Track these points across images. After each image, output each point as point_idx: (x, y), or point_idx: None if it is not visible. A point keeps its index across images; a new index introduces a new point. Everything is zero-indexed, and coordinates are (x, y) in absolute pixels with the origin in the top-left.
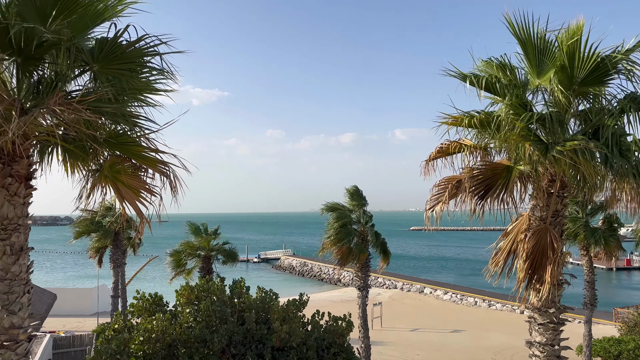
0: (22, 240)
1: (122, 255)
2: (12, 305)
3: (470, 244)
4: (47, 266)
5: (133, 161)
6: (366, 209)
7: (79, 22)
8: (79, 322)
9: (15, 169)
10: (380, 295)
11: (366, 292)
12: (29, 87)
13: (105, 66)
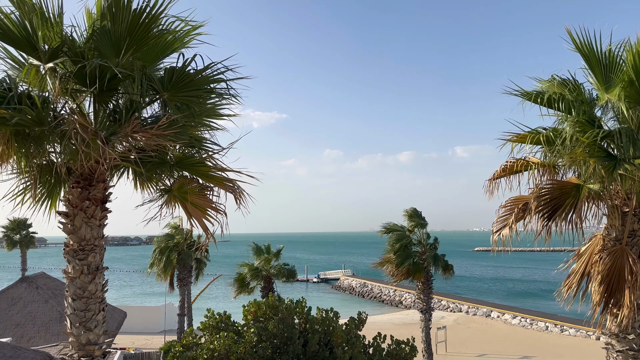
0: (98, 260)
1: (188, 274)
2: (88, 322)
3: (538, 266)
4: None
5: (200, 181)
6: (426, 230)
7: (149, 53)
8: (147, 340)
9: (92, 193)
10: (444, 319)
11: (429, 315)
12: (104, 115)
13: (175, 94)
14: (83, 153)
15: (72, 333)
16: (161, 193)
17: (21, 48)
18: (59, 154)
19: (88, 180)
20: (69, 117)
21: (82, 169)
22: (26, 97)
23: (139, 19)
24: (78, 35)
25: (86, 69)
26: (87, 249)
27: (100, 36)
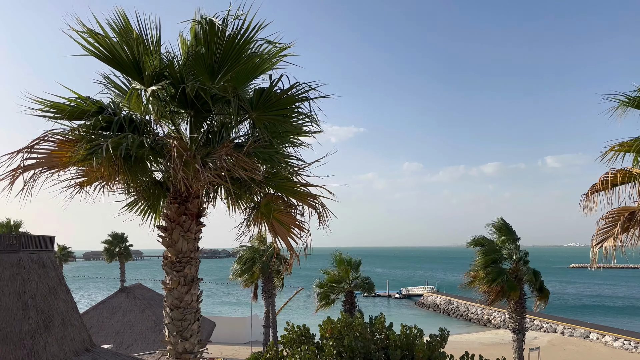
0: (194, 271)
1: (273, 287)
2: (184, 331)
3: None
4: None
5: (285, 199)
6: (518, 244)
7: (240, 75)
8: (234, 350)
9: (188, 208)
10: (538, 340)
11: (522, 335)
12: (198, 137)
13: (262, 113)
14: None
15: (170, 341)
16: (249, 210)
17: (126, 72)
18: (160, 172)
19: (184, 197)
20: (169, 141)
21: (181, 188)
22: (128, 121)
23: (232, 44)
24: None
25: (187, 90)
26: (184, 261)
27: (195, 61)
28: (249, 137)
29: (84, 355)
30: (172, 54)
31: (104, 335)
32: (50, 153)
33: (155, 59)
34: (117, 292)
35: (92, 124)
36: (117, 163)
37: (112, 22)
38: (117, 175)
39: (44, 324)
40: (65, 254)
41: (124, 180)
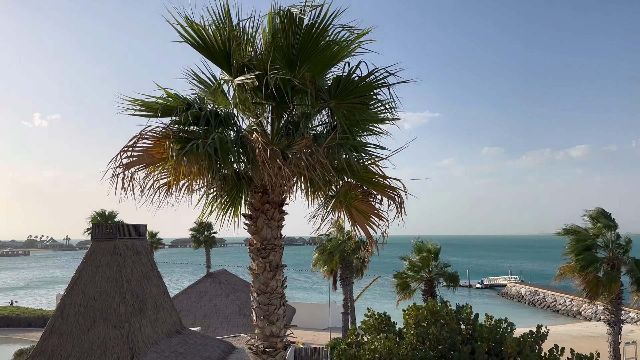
0: (278, 258)
1: (350, 275)
2: (271, 315)
3: None
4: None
5: (364, 187)
6: (617, 232)
7: (318, 64)
8: (314, 335)
9: (271, 197)
10: (634, 333)
11: (618, 328)
12: (279, 128)
13: (341, 102)
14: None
15: (258, 325)
16: (328, 199)
17: (217, 61)
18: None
19: (267, 186)
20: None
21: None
22: (214, 116)
23: (309, 33)
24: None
25: (269, 82)
26: (269, 247)
27: (275, 52)
28: (328, 127)
29: (175, 337)
30: (257, 44)
31: (192, 318)
32: (147, 150)
33: (243, 51)
34: (204, 278)
35: (182, 120)
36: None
37: (209, 11)
38: (203, 172)
39: (139, 306)
40: (155, 242)
41: (209, 176)
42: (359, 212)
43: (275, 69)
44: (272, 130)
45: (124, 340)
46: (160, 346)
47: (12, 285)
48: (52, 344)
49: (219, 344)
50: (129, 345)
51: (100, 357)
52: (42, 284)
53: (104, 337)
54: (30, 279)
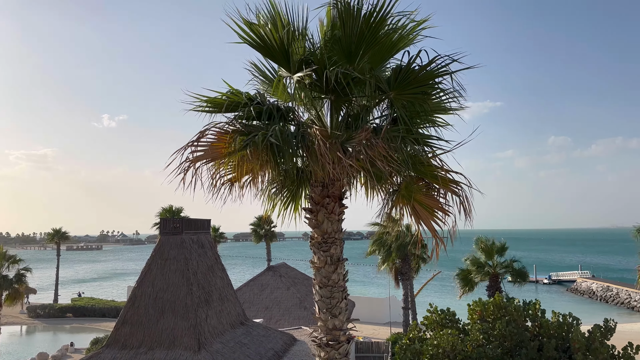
0: (339, 252)
1: (409, 269)
2: (333, 309)
3: None
4: None
5: (426, 181)
6: None
7: (376, 55)
8: (374, 330)
9: (331, 191)
10: None
11: None
12: (338, 121)
13: (400, 92)
14: (324, 159)
15: (320, 318)
16: (389, 193)
17: (276, 59)
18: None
19: (327, 180)
20: (312, 129)
21: (322, 173)
22: (275, 110)
23: (368, 23)
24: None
25: (328, 75)
26: (329, 241)
27: (333, 45)
28: (387, 119)
29: (239, 328)
30: (314, 40)
31: (255, 310)
32: (211, 145)
33: (301, 46)
34: (265, 271)
35: (244, 115)
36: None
37: (264, 11)
38: (265, 167)
39: (205, 298)
40: (218, 236)
41: (269, 170)
42: (422, 207)
43: (334, 62)
44: (332, 123)
45: (191, 331)
46: (225, 337)
47: (86, 277)
48: (124, 333)
49: (281, 336)
50: (196, 336)
51: (169, 346)
52: (114, 276)
53: (173, 327)
54: (102, 271)
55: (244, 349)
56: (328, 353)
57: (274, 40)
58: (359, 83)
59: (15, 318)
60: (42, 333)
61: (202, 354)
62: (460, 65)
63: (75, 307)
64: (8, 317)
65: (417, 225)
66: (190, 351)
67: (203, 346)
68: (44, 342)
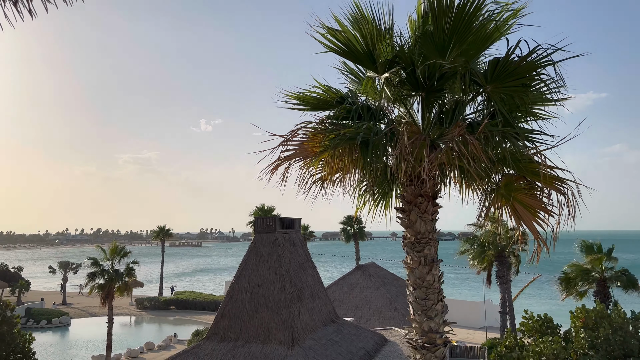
0: (433, 252)
1: (507, 272)
2: (429, 311)
3: None
4: None
5: (527, 179)
6: None
7: (471, 48)
8: (468, 334)
9: (424, 190)
10: None
11: None
12: (430, 118)
13: (498, 86)
14: (413, 156)
15: (415, 319)
16: (485, 191)
17: (361, 62)
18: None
19: (419, 178)
20: (401, 125)
21: (413, 171)
22: (366, 109)
23: (461, 14)
24: (401, 42)
25: (416, 73)
26: (423, 241)
27: (423, 40)
28: (483, 114)
29: (330, 325)
30: (402, 37)
31: (344, 308)
32: (302, 145)
33: (388, 45)
34: (354, 270)
35: (335, 114)
36: (355, 152)
37: (347, 14)
38: (355, 166)
39: (297, 295)
40: (308, 234)
41: (360, 169)
42: (523, 207)
43: (425, 58)
44: (423, 120)
45: (285, 326)
46: (317, 333)
47: (186, 271)
48: (223, 326)
49: (372, 335)
50: (289, 331)
51: (265, 340)
52: (211, 271)
53: (267, 322)
54: (201, 266)
55: (336, 347)
56: (424, 355)
57: (358, 44)
58: (451, 78)
59: (125, 309)
60: (148, 324)
61: (295, 349)
62: (565, 54)
63: (178, 300)
64: (119, 308)
65: (517, 226)
66: (284, 346)
67: (296, 342)
68: (150, 332)
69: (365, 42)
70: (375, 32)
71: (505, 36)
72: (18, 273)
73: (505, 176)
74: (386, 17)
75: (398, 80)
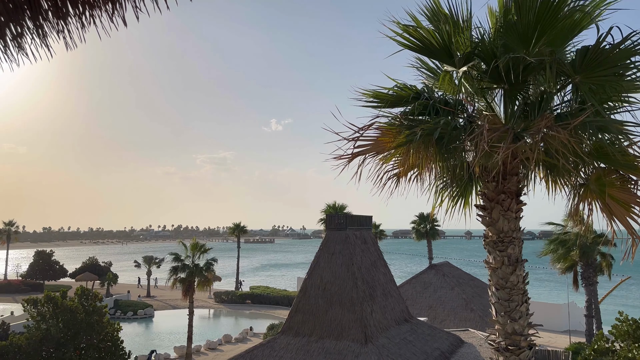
0: (517, 252)
1: (594, 274)
2: (512, 312)
3: None
4: None
5: (621, 173)
6: None
7: (557, 37)
8: (550, 337)
9: (506, 186)
10: None
11: None
12: (513, 111)
13: (587, 75)
14: (494, 150)
15: (498, 321)
16: (574, 187)
17: (437, 57)
18: (472, 152)
19: (502, 175)
20: (480, 117)
21: (494, 165)
22: (443, 104)
23: (547, 3)
24: (480, 34)
25: (498, 65)
26: (506, 240)
27: (506, 31)
28: (571, 105)
29: (403, 324)
30: (482, 29)
31: (418, 308)
32: (376, 140)
33: (466, 37)
34: (427, 269)
35: (411, 110)
36: (432, 148)
37: (423, 9)
38: (431, 162)
39: (369, 293)
40: (379, 232)
41: (436, 165)
42: (616, 202)
43: (507, 49)
44: (505, 114)
45: (358, 324)
46: (390, 332)
47: (260, 267)
48: (297, 321)
49: (447, 336)
50: (363, 329)
51: (338, 337)
52: (283, 266)
53: (340, 318)
54: (274, 262)
55: (410, 346)
56: (507, 358)
57: (434, 39)
58: (536, 69)
59: (204, 302)
60: (225, 317)
61: (368, 347)
62: None
63: (254, 294)
64: (198, 301)
65: (609, 224)
66: (357, 343)
67: (369, 339)
68: (227, 325)
69: (441, 36)
70: (452, 25)
71: (596, 22)
72: (107, 267)
73: (595, 170)
74: (464, 10)
75: (477, 73)
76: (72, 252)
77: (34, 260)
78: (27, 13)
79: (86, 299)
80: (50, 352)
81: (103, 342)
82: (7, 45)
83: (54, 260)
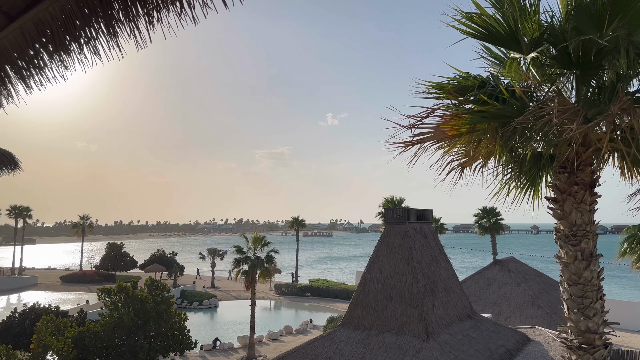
0: (591, 246)
1: None
2: (586, 309)
3: None
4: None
5: None
6: None
7: (634, 18)
8: (624, 337)
9: (579, 177)
10: None
11: None
12: (587, 96)
13: None
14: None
15: (570, 318)
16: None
17: (503, 44)
18: (540, 141)
19: (574, 165)
20: (548, 102)
21: (565, 153)
22: (511, 92)
23: None
24: (549, 18)
25: (569, 50)
26: (579, 234)
27: (577, 14)
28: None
29: (466, 321)
30: (551, 12)
31: (481, 304)
32: (438, 127)
33: (534, 22)
34: (491, 265)
35: (476, 99)
36: (500, 136)
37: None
38: (499, 151)
39: (430, 288)
40: (439, 226)
41: (504, 155)
42: None
43: (578, 33)
44: (578, 99)
45: (419, 319)
46: (453, 328)
47: (318, 260)
48: (357, 315)
49: (512, 334)
50: (424, 324)
51: (398, 332)
52: (341, 260)
53: (401, 313)
54: (332, 255)
55: (473, 343)
56: (581, 357)
57: (499, 25)
58: (610, 52)
59: (265, 294)
60: (286, 309)
61: (430, 342)
62: None
63: (313, 287)
64: (259, 292)
65: None
66: (418, 339)
67: (431, 335)
68: (288, 317)
69: (507, 22)
70: (519, 10)
71: None
72: (173, 258)
73: None
74: None
75: (546, 59)
76: (141, 245)
77: (106, 252)
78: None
79: (155, 289)
80: (123, 338)
81: (171, 330)
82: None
83: (125, 252)
